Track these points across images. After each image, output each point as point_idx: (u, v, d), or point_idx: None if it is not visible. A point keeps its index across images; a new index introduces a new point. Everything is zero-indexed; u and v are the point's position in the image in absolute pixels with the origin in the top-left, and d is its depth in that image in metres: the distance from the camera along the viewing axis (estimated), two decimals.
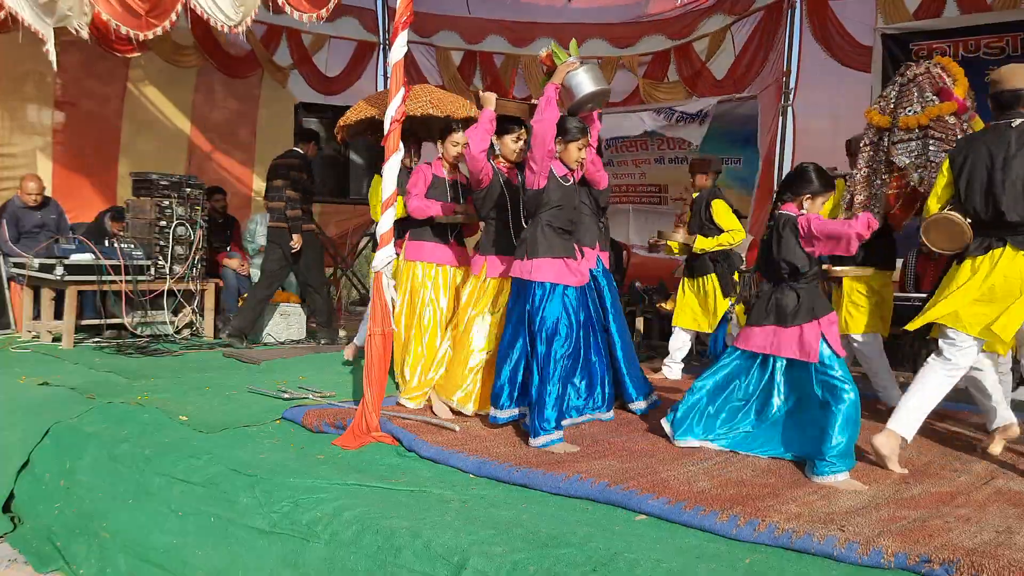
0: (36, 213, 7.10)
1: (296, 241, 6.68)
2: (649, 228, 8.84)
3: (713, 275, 5.73)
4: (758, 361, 3.86)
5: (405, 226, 4.98)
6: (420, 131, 5.65)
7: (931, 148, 4.28)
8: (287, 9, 5.34)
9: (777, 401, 3.82)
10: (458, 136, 4.89)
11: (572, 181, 4.20)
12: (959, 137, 4.17)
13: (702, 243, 5.65)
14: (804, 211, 3.74)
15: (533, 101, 4.40)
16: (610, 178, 5.09)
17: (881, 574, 2.53)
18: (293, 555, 2.96)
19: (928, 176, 4.36)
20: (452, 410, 4.40)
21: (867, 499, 3.21)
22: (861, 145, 4.71)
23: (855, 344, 4.86)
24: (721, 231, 5.63)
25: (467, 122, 5.03)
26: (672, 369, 5.89)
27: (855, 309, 4.84)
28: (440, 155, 4.95)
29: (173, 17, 5.87)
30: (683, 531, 2.87)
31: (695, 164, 5.93)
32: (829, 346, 3.64)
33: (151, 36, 6.14)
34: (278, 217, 6.69)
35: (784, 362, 3.77)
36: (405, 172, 5.20)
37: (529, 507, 3.08)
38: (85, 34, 6.31)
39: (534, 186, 4.01)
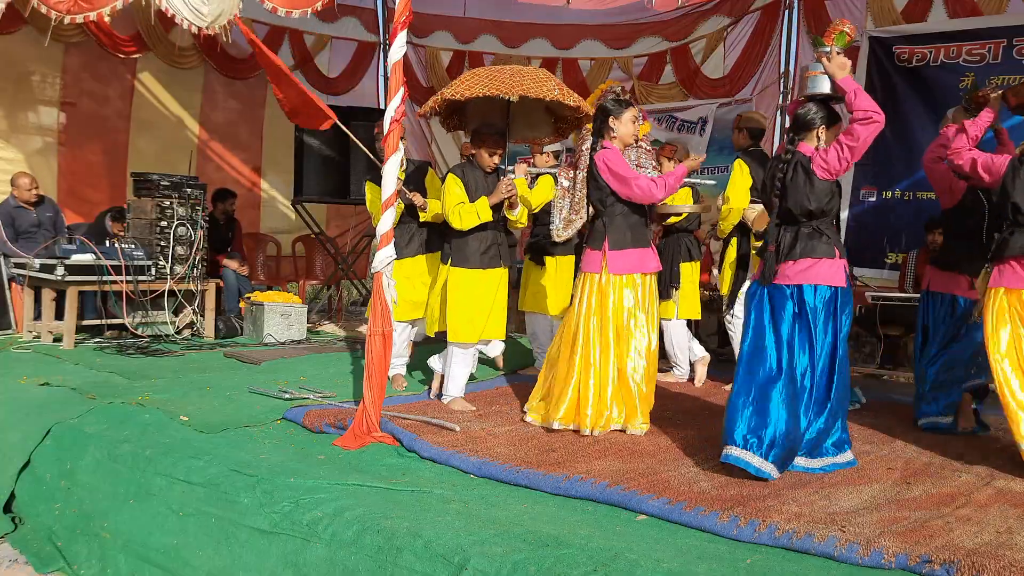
0: (32, 213, 7.04)
1: None
2: None
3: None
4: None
5: (453, 233, 4.53)
6: (522, 125, 5.03)
7: (643, 156, 5.39)
8: (267, 4, 5.27)
9: None
10: (635, 111, 4.34)
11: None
12: (648, 148, 5.49)
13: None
14: None
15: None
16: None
17: (882, 574, 2.54)
18: (294, 555, 2.96)
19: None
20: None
21: (868, 499, 3.22)
22: (582, 148, 5.30)
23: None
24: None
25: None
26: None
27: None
28: (612, 136, 4.28)
29: (118, 5, 5.55)
30: (684, 531, 2.87)
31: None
32: None
33: (79, 19, 5.76)
34: None
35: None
36: (483, 176, 4.63)
37: (530, 507, 3.08)
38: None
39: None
